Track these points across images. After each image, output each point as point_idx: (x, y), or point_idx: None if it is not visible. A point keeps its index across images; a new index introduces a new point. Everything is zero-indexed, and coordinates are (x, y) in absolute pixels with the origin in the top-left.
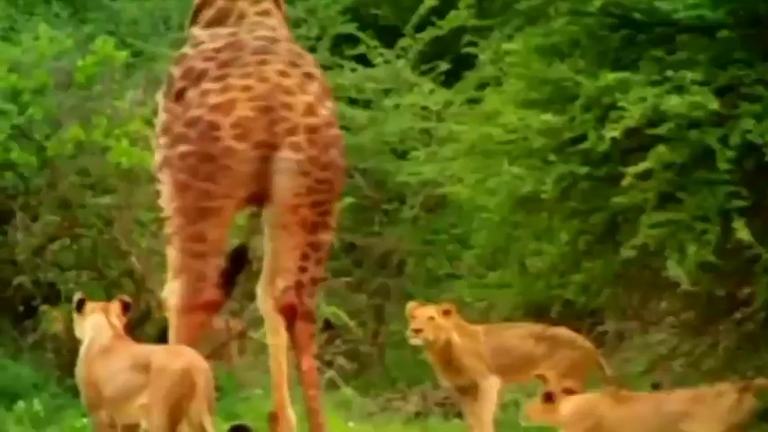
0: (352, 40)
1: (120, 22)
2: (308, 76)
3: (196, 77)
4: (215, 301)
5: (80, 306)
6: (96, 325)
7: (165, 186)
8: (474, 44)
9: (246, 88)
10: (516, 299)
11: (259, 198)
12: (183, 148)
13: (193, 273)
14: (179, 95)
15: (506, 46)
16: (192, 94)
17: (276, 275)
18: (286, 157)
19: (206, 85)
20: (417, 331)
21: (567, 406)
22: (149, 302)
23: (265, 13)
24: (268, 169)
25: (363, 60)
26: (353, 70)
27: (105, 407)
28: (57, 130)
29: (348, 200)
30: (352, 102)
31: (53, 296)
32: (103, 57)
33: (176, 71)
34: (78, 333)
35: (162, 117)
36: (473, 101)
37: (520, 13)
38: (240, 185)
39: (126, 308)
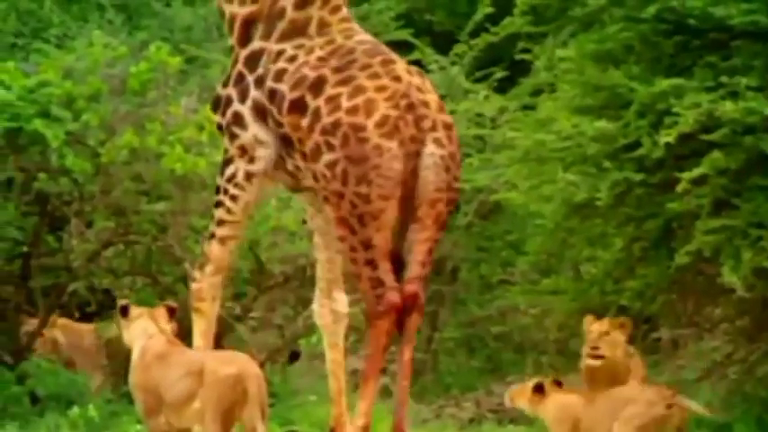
0: (406, 46)
1: (174, 29)
2: (421, 75)
3: (312, 86)
4: (397, 303)
5: (124, 312)
6: (146, 331)
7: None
8: (528, 51)
9: (381, 88)
10: (570, 305)
11: (406, 198)
12: (328, 157)
13: (369, 282)
14: (294, 107)
15: (561, 52)
16: (315, 103)
17: (333, 287)
18: (432, 153)
19: (332, 91)
20: (595, 349)
21: (553, 403)
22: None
23: (347, 19)
24: (415, 166)
25: (417, 67)
26: None
27: (164, 412)
28: (111, 137)
29: None
30: None
31: (108, 302)
32: (157, 63)
33: (274, 87)
34: (126, 338)
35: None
36: (527, 107)
37: (574, 19)
38: (395, 184)
39: (172, 313)
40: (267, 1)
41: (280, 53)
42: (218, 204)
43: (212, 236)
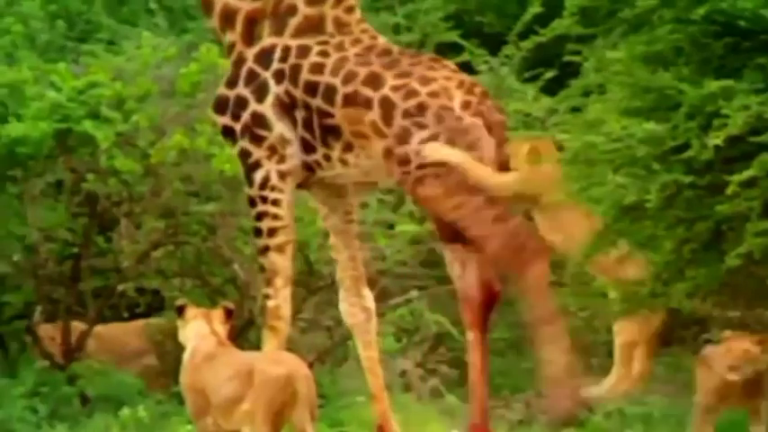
0: (455, 47)
1: None
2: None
3: (368, 81)
4: (544, 247)
5: (181, 311)
6: (199, 332)
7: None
8: (578, 52)
9: (448, 78)
10: (620, 307)
11: None
12: (422, 134)
13: (507, 235)
14: (350, 101)
15: (610, 54)
16: (380, 93)
17: (359, 284)
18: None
19: (396, 82)
20: (735, 368)
21: None
22: (252, 310)
23: (363, 21)
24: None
25: (466, 68)
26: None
27: (212, 414)
28: (160, 138)
29: None
30: None
31: (157, 304)
32: (207, 64)
33: (315, 79)
34: (181, 338)
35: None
36: (576, 109)
37: (624, 21)
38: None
39: (229, 315)
40: None
41: (304, 48)
42: (262, 216)
43: (267, 248)
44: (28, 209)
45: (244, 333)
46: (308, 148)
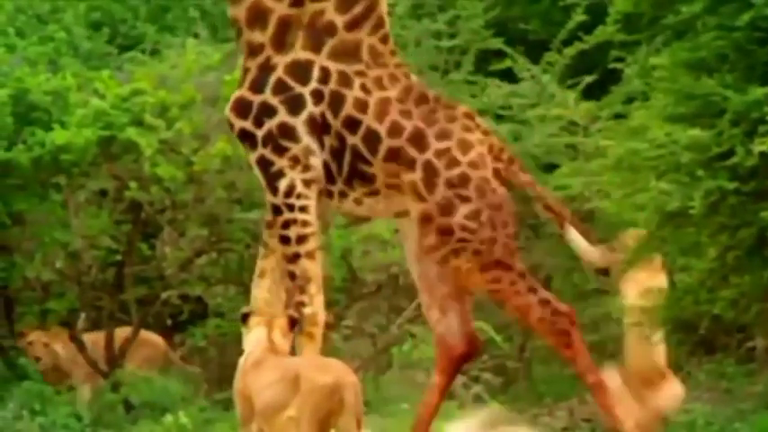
0: (497, 54)
1: None
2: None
3: (413, 139)
4: (571, 311)
5: (245, 319)
6: (256, 339)
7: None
8: (621, 59)
9: (481, 142)
10: (664, 314)
11: None
12: (467, 208)
13: (540, 305)
14: (393, 157)
15: (653, 60)
16: (424, 157)
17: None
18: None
19: (439, 145)
20: None
21: None
22: (293, 316)
23: (395, 52)
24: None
25: (508, 75)
26: (499, 87)
27: (256, 420)
28: (204, 145)
29: None
30: (499, 117)
31: (200, 311)
32: None
33: (359, 118)
34: (243, 345)
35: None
36: (620, 116)
37: (667, 27)
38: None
39: (292, 324)
40: (311, 9)
41: (344, 76)
42: (289, 223)
43: (298, 256)
44: (72, 216)
45: None
46: (328, 176)
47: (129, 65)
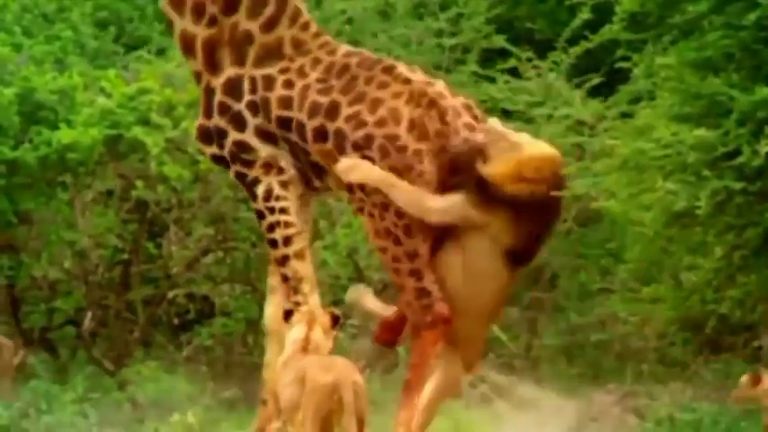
0: (502, 53)
1: None
2: (419, 70)
3: (328, 112)
4: (445, 315)
5: (288, 316)
6: (294, 337)
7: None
8: (627, 58)
9: (397, 94)
10: (670, 314)
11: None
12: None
13: (415, 292)
14: (318, 136)
15: (660, 60)
16: (335, 125)
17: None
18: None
19: (349, 110)
20: None
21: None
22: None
23: (320, 34)
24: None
25: (514, 73)
26: (507, 82)
27: (280, 418)
28: None
29: None
30: (505, 113)
31: (207, 309)
32: None
33: (286, 115)
34: (285, 343)
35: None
36: (626, 115)
37: (674, 27)
38: (434, 188)
39: (335, 321)
40: (226, 24)
41: (268, 79)
42: (274, 226)
43: (287, 257)
44: (78, 215)
45: None
46: (305, 180)
47: (135, 64)
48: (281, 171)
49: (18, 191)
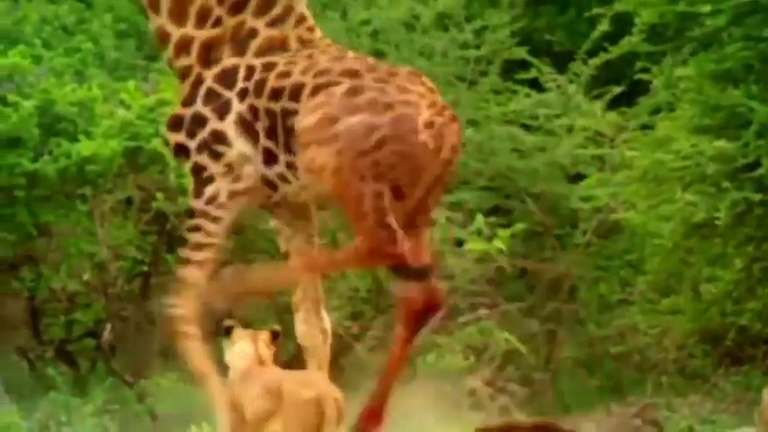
0: (523, 64)
1: None
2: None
3: (346, 73)
4: (401, 253)
5: (228, 332)
6: (240, 352)
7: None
8: (647, 70)
9: (422, 95)
10: (690, 325)
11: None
12: (370, 119)
13: (376, 228)
14: (316, 91)
15: (679, 72)
16: (353, 81)
17: (319, 306)
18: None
19: (373, 82)
20: None
21: None
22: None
23: (325, 38)
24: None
25: (534, 85)
26: (527, 95)
27: (246, 430)
28: None
29: (520, 225)
30: (525, 127)
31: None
32: None
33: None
34: (226, 359)
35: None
36: (646, 126)
37: (693, 39)
38: (422, 184)
39: (275, 337)
40: (231, 24)
41: (269, 64)
42: (196, 228)
43: (188, 261)
44: (97, 227)
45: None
46: (270, 158)
47: (154, 75)
48: (237, 179)
49: (37, 203)
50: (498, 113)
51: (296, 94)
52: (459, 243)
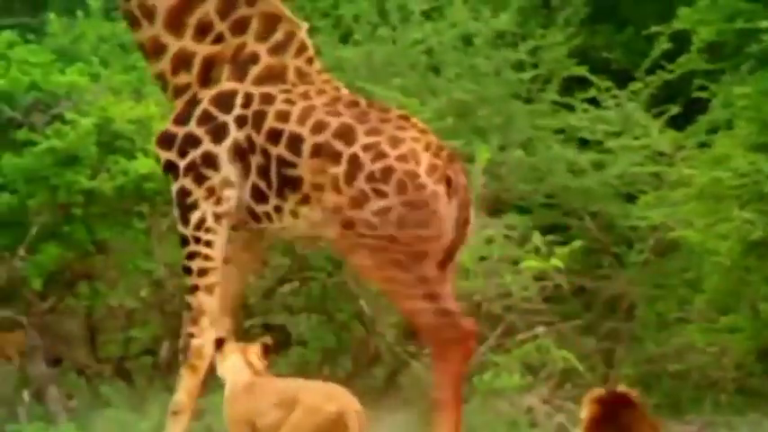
0: (580, 82)
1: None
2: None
3: (340, 133)
4: (473, 329)
5: (219, 345)
6: (235, 366)
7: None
8: (705, 88)
9: (416, 139)
10: (748, 344)
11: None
12: (379, 203)
13: (435, 315)
14: (318, 152)
15: (738, 90)
16: (351, 150)
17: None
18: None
19: (367, 140)
20: None
21: None
22: (378, 345)
23: (323, 71)
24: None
25: (593, 103)
26: (585, 111)
27: None
28: None
29: (577, 242)
30: (582, 142)
31: (283, 339)
32: None
33: (280, 127)
34: (219, 372)
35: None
36: (704, 145)
37: (751, 56)
38: (447, 232)
39: (266, 350)
40: (232, 44)
41: (267, 96)
42: (194, 255)
43: (196, 288)
44: (155, 244)
45: (369, 369)
46: (259, 197)
47: None
48: (219, 202)
49: (95, 220)
50: (555, 128)
51: (295, 147)
52: (516, 261)
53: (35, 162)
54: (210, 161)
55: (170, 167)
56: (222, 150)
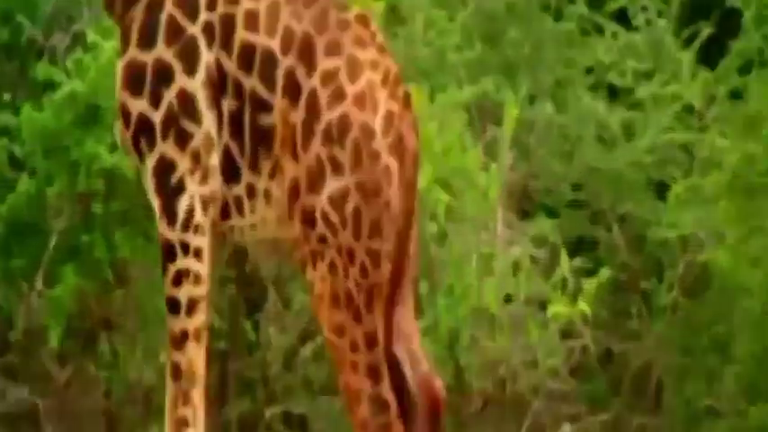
0: None
1: None
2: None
3: (302, 50)
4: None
5: None
6: None
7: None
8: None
9: (374, 64)
10: None
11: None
12: (336, 184)
13: (369, 402)
14: (289, 86)
15: None
16: (310, 83)
17: None
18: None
19: (326, 64)
20: None
21: None
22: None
23: None
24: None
25: (621, 21)
26: (614, 35)
27: None
28: None
29: (605, 273)
30: (612, 92)
31: None
32: None
33: (251, 40)
34: None
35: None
36: (736, 95)
37: None
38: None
39: None
40: None
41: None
42: (181, 277)
43: (186, 336)
44: None
45: None
46: (231, 170)
47: None
48: (204, 177)
49: (114, 224)
50: (583, 69)
51: (268, 72)
52: (542, 303)
53: (55, 119)
54: (189, 106)
55: (143, 127)
56: (198, 87)
